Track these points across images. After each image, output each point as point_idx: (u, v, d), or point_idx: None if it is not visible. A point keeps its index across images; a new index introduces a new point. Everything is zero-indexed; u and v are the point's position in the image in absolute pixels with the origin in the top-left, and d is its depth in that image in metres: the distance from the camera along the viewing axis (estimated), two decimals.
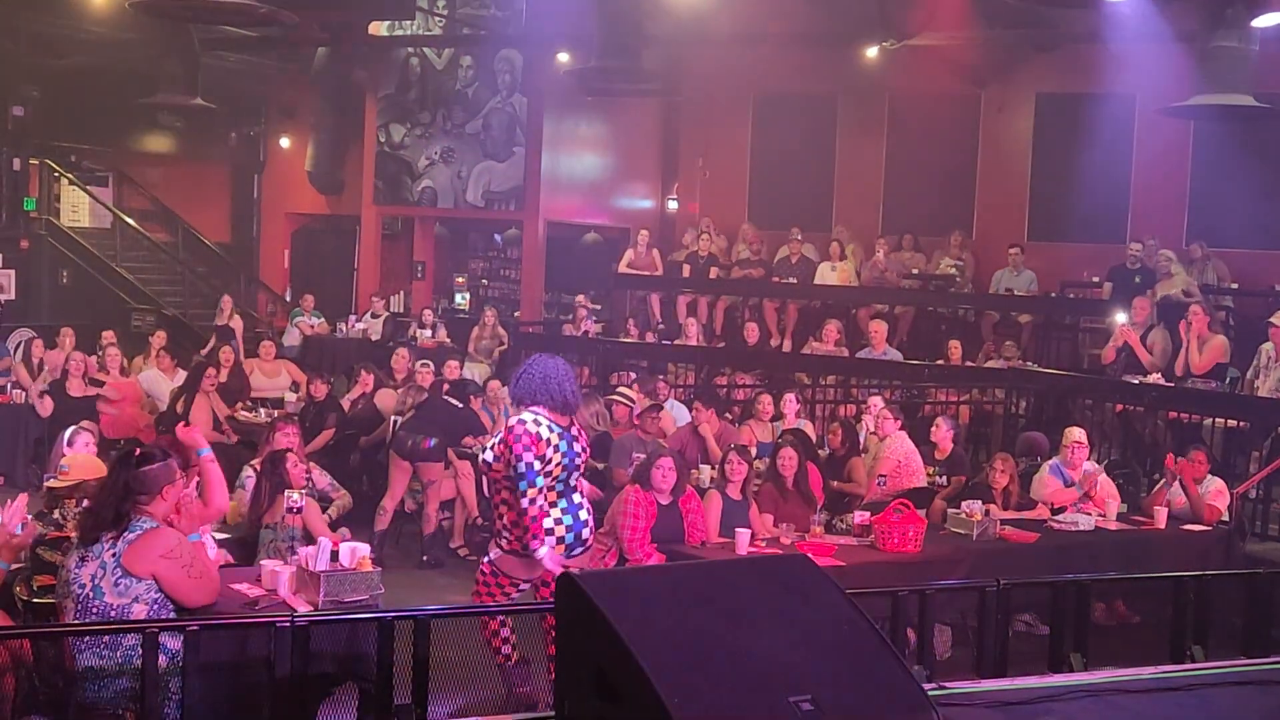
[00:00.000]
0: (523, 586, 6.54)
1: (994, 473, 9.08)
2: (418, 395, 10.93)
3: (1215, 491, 9.05)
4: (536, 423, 6.36)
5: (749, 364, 14.43)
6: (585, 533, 6.58)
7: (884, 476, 9.26)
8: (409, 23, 18.42)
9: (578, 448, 6.55)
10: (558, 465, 6.38)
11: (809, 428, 10.78)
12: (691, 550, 7.77)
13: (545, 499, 6.34)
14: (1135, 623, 8.54)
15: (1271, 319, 10.95)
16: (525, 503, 6.27)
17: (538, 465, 6.28)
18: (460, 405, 10.66)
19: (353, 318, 17.51)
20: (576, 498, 6.57)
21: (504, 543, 6.49)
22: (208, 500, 5.99)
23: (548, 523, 6.35)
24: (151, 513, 5.21)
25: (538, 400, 6.45)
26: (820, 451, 9.94)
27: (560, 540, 6.41)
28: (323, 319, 17.32)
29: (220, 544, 6.87)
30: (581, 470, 6.66)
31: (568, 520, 6.47)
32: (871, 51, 15.99)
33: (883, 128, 17.65)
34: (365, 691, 5.18)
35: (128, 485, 5.19)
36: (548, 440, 6.34)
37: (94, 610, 5.02)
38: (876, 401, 10.60)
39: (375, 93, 19.13)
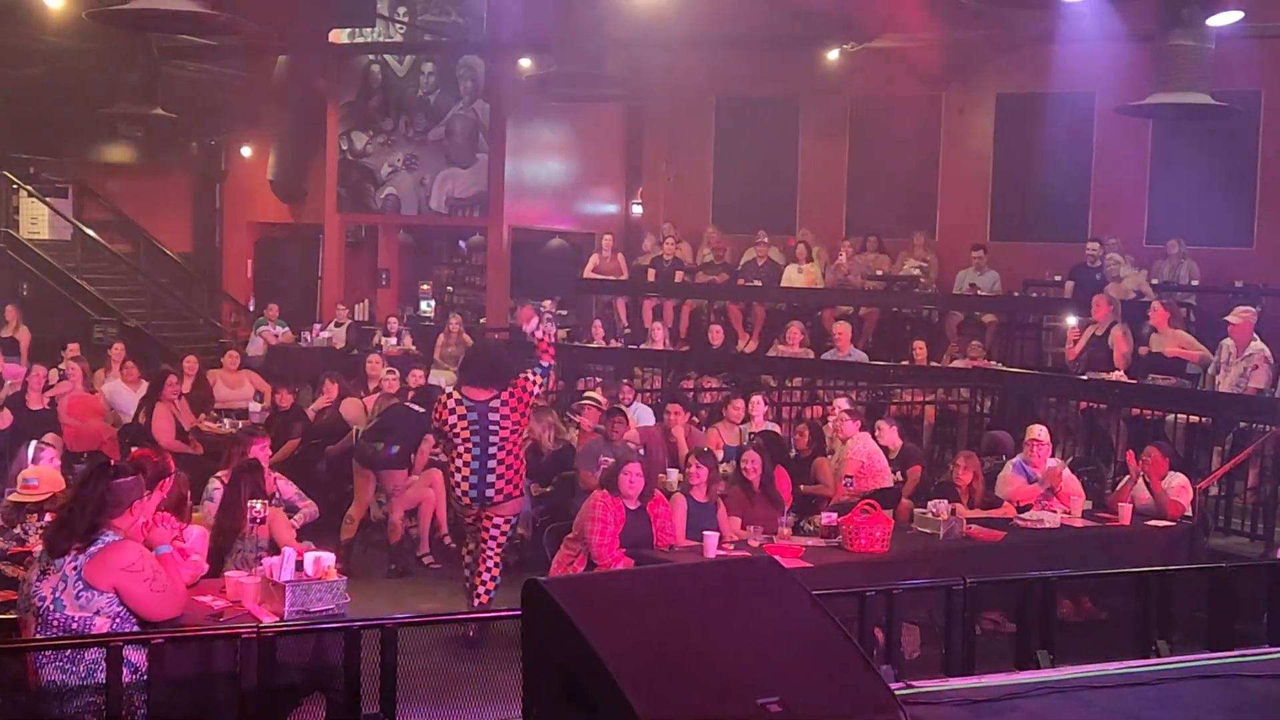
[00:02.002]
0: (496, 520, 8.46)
1: (958, 470, 9.12)
2: (385, 403, 10.90)
3: (1178, 487, 9.11)
4: (450, 397, 8.51)
5: (715, 367, 14.45)
6: (489, 491, 8.33)
7: (850, 478, 9.29)
8: (370, 30, 18.35)
9: (494, 416, 8.31)
10: (464, 430, 8.32)
11: (777, 430, 10.80)
12: (660, 554, 7.78)
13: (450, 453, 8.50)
14: (1101, 619, 8.58)
15: (1230, 316, 11.03)
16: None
17: (434, 426, 8.77)
18: (422, 410, 10.62)
19: (317, 326, 17.43)
20: (492, 461, 8.30)
21: None
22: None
23: (456, 477, 8.40)
24: (119, 527, 5.18)
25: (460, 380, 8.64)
26: (788, 453, 9.96)
27: (464, 494, 8.38)
28: (287, 328, 17.23)
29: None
30: (505, 434, 8.34)
31: (473, 478, 8.33)
32: (833, 54, 16.05)
33: (845, 130, 17.73)
34: (333, 702, 5.16)
35: (103, 498, 5.17)
36: (450, 409, 8.38)
37: (55, 623, 4.98)
38: (841, 403, 10.63)
39: (336, 100, 19.05)
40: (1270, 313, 13.05)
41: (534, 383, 8.60)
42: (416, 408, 10.64)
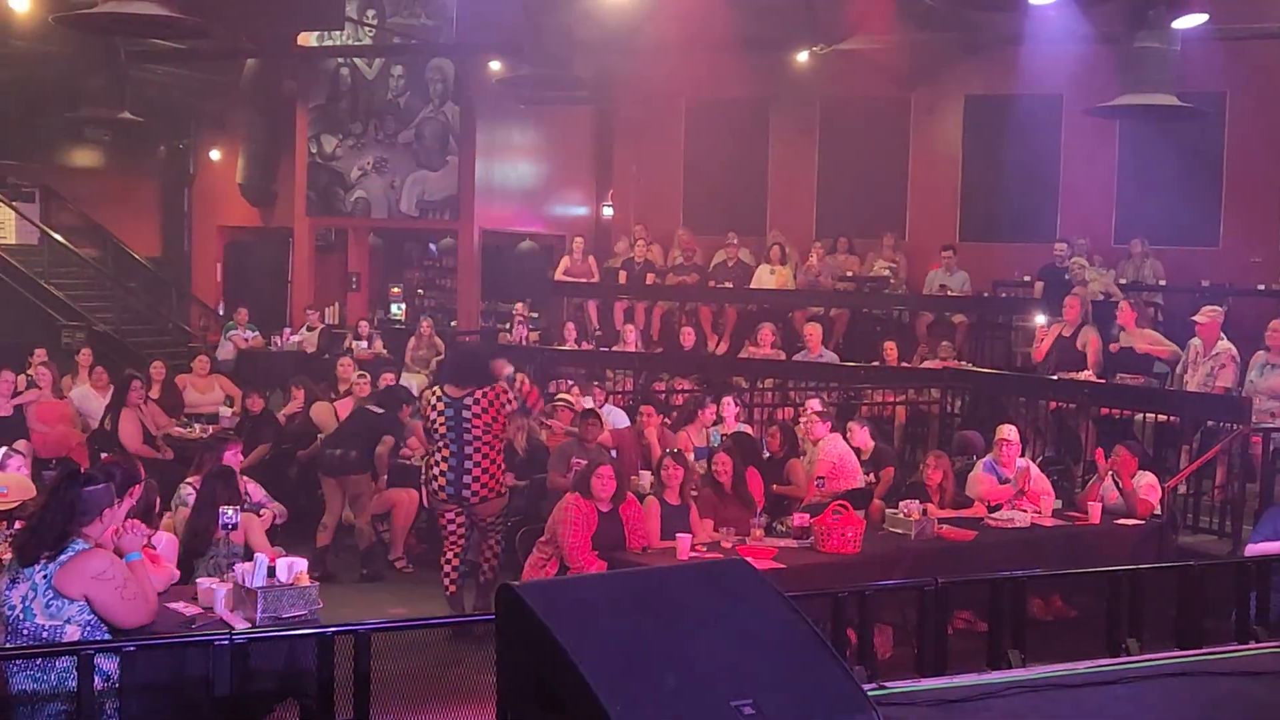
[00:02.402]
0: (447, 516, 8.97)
1: (929, 470, 9.17)
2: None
3: (1147, 486, 9.17)
4: (432, 393, 8.97)
5: (687, 369, 14.46)
6: (466, 491, 8.69)
7: (822, 478, 9.31)
8: (339, 33, 18.29)
9: (468, 415, 8.64)
10: (441, 426, 8.73)
11: (749, 431, 10.82)
12: (633, 556, 7.78)
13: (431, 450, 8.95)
14: (1072, 617, 8.65)
15: (1197, 316, 11.11)
16: None
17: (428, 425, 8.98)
18: (381, 411, 10.61)
19: (287, 330, 17.36)
20: (468, 462, 8.63)
21: None
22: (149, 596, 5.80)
23: (434, 471, 8.79)
24: (88, 534, 5.16)
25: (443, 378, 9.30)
26: (761, 454, 9.98)
27: (441, 489, 8.75)
28: (257, 332, 17.16)
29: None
30: (478, 434, 8.67)
31: (450, 474, 8.69)
32: (802, 56, 16.08)
33: (814, 132, 17.77)
34: (306, 708, 5.15)
35: (73, 506, 5.14)
36: (432, 406, 8.82)
37: (24, 632, 4.95)
38: (813, 404, 10.66)
39: (306, 104, 18.99)
40: (1236, 312, 13.15)
41: (510, 398, 8.87)
42: (375, 409, 10.64)
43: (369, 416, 10.60)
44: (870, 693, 3.56)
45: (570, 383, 13.26)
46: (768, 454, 9.97)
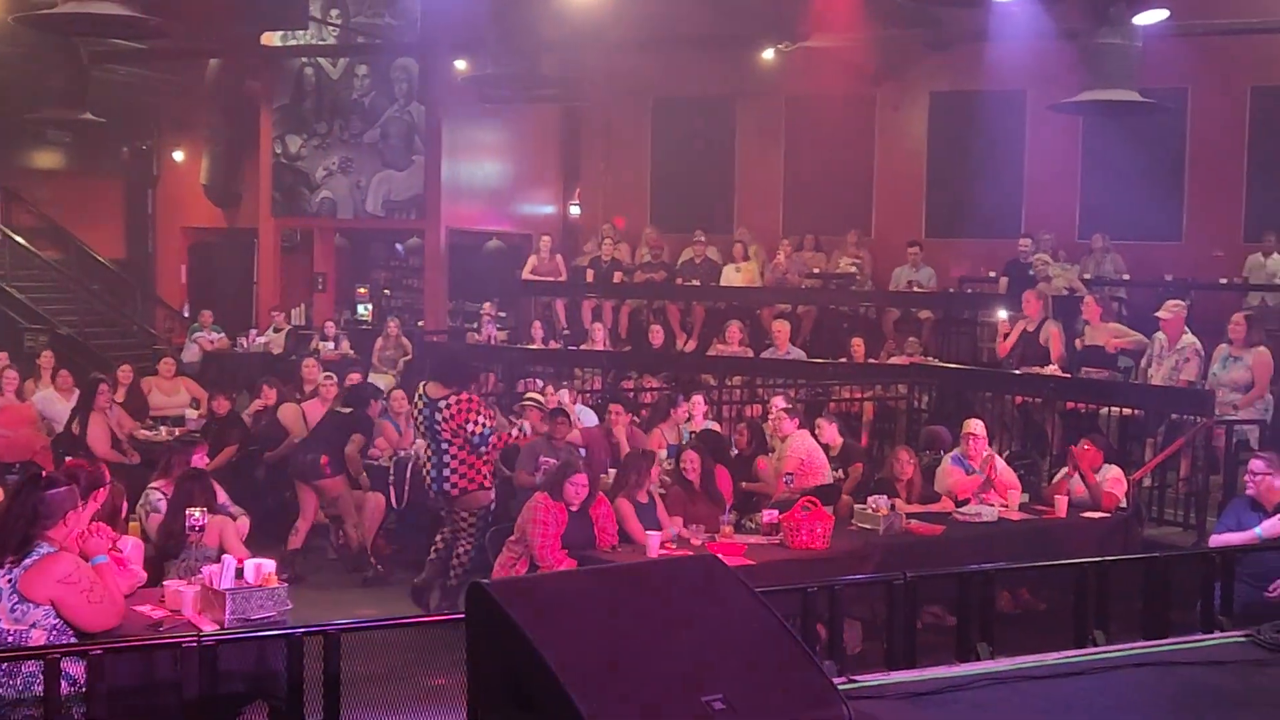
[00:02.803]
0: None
1: (898, 464, 9.20)
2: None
3: (1113, 479, 9.24)
4: (417, 393, 9.25)
5: (655, 367, 14.47)
6: (445, 485, 9.01)
7: (790, 475, 9.34)
8: (302, 33, 18.21)
9: (438, 417, 8.94)
10: (420, 423, 9.18)
11: (718, 429, 10.84)
12: (602, 555, 7.79)
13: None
14: (1039, 610, 8.70)
15: (1160, 311, 11.19)
16: None
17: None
18: (349, 411, 10.57)
19: (253, 332, 17.28)
20: (446, 457, 8.98)
21: None
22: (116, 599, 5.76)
23: (425, 469, 9.27)
24: (53, 538, 5.13)
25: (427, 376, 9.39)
26: (729, 451, 10.00)
27: (429, 485, 9.18)
28: (222, 334, 17.07)
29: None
30: (447, 436, 8.94)
31: (434, 471, 9.11)
32: (767, 54, 16.12)
33: (781, 129, 17.82)
34: (275, 710, 5.12)
35: (35, 509, 5.11)
36: (415, 405, 9.27)
37: None
38: (779, 401, 10.68)
39: (270, 104, 18.90)
40: (1199, 306, 13.26)
41: (476, 419, 9.00)
42: (343, 409, 10.60)
43: (337, 417, 10.57)
44: (840, 686, 3.57)
45: (540, 382, 13.25)
46: (736, 451, 9.99)
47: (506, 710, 3.38)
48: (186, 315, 19.62)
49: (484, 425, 9.01)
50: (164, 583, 6.47)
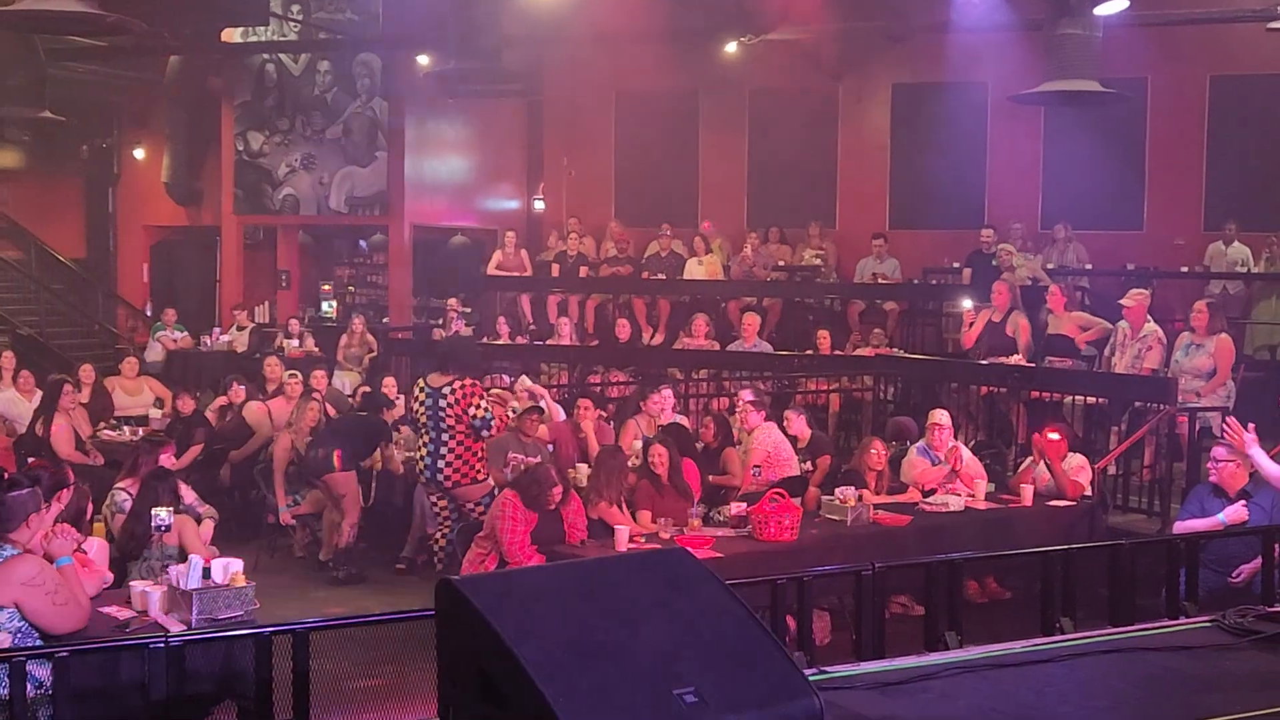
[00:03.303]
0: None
1: (871, 455, 9.22)
2: (303, 404, 10.74)
3: (1077, 467, 9.30)
4: (417, 384, 9.48)
5: (622, 361, 14.47)
6: (439, 476, 9.19)
7: (758, 467, 9.36)
8: (263, 28, 18.10)
9: (443, 404, 9.11)
10: (423, 415, 9.27)
11: (685, 422, 10.85)
12: (571, 550, 7.78)
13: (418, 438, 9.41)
14: (1006, 598, 8.76)
15: (1123, 300, 11.27)
16: None
17: (408, 415, 9.74)
18: (365, 414, 10.60)
19: (217, 330, 17.17)
20: (444, 449, 9.12)
21: None
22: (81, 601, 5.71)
23: (418, 455, 9.39)
24: (16, 540, 5.09)
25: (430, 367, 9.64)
26: (695, 445, 10.00)
27: (421, 472, 9.33)
28: (185, 333, 16.96)
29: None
30: (451, 423, 9.12)
31: (428, 459, 9.25)
32: (730, 47, 16.12)
33: (744, 122, 17.83)
34: (244, 710, 5.10)
35: None
36: (415, 396, 9.39)
37: None
38: (745, 394, 10.70)
39: (231, 100, 18.79)
40: (1161, 294, 13.36)
41: (479, 403, 9.15)
42: (361, 412, 10.61)
43: (357, 419, 10.54)
44: (810, 677, 3.59)
45: (508, 378, 13.21)
46: (703, 444, 10.00)
47: (477, 706, 3.38)
48: (149, 314, 19.48)
49: (486, 410, 9.20)
50: (130, 583, 6.43)
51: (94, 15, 10.71)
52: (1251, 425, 7.23)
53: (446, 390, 9.19)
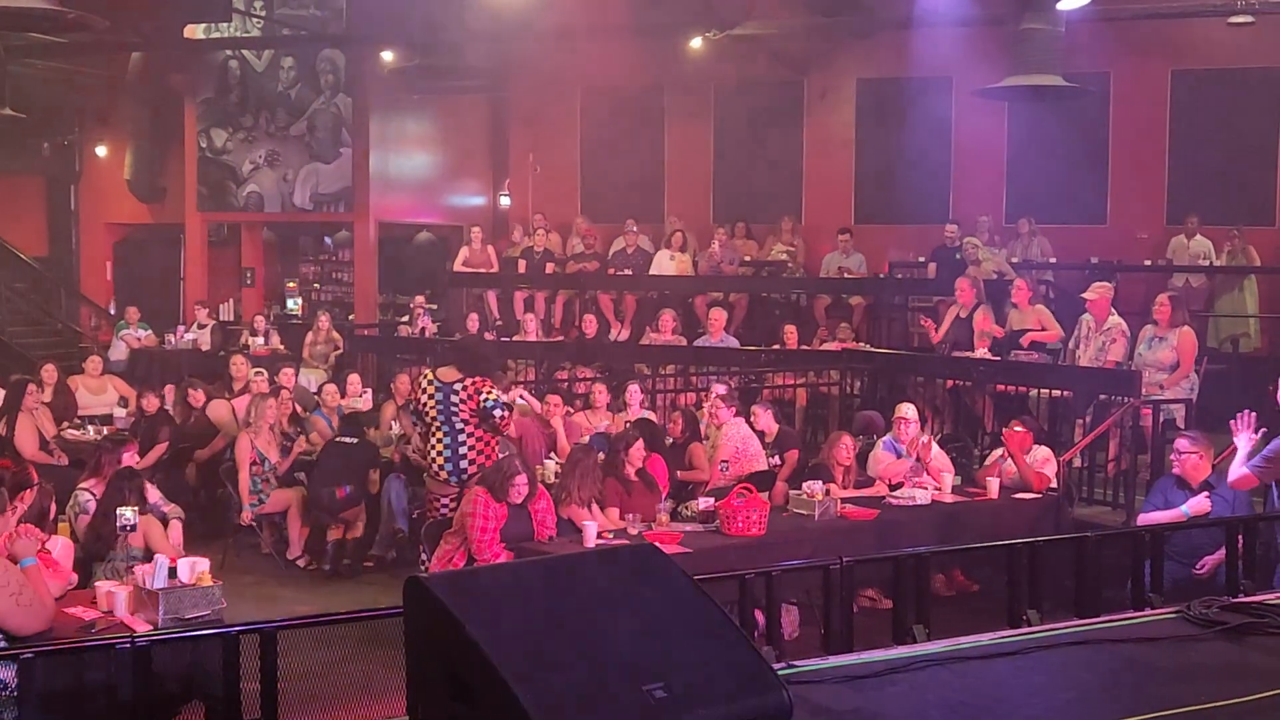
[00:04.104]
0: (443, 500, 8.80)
1: (840, 450, 9.24)
2: (260, 402, 10.68)
3: (1043, 460, 9.35)
4: (424, 377, 9.07)
5: (589, 357, 14.46)
6: (463, 464, 8.69)
7: (726, 462, 9.37)
8: (226, 25, 17.99)
9: (455, 400, 8.71)
10: (432, 409, 8.78)
11: (652, 417, 10.86)
12: (540, 546, 7.77)
13: (425, 433, 8.97)
14: (974, 591, 8.80)
15: (1086, 293, 11.34)
16: None
17: (413, 407, 9.12)
18: (355, 441, 10.50)
19: (181, 328, 17.07)
20: (463, 446, 8.70)
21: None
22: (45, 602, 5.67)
23: (431, 454, 8.82)
24: None
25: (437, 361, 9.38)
26: (664, 440, 10.00)
27: (440, 469, 8.75)
28: (149, 331, 16.85)
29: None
30: (465, 417, 8.71)
31: (446, 453, 8.73)
32: (695, 42, 16.12)
33: (710, 117, 17.85)
34: (212, 710, 5.07)
35: None
36: (421, 388, 8.91)
37: None
38: (718, 388, 10.71)
39: (194, 97, 18.68)
40: (1125, 288, 13.45)
41: (487, 390, 8.84)
42: (348, 439, 10.48)
43: (346, 448, 10.44)
44: (779, 672, 3.60)
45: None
46: (671, 439, 10.01)
47: (446, 703, 3.37)
48: (112, 313, 19.35)
49: (496, 394, 8.90)
50: (95, 584, 6.39)
51: (55, 12, 10.62)
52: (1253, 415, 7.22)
53: (458, 386, 8.83)
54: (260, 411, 10.51)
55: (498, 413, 8.80)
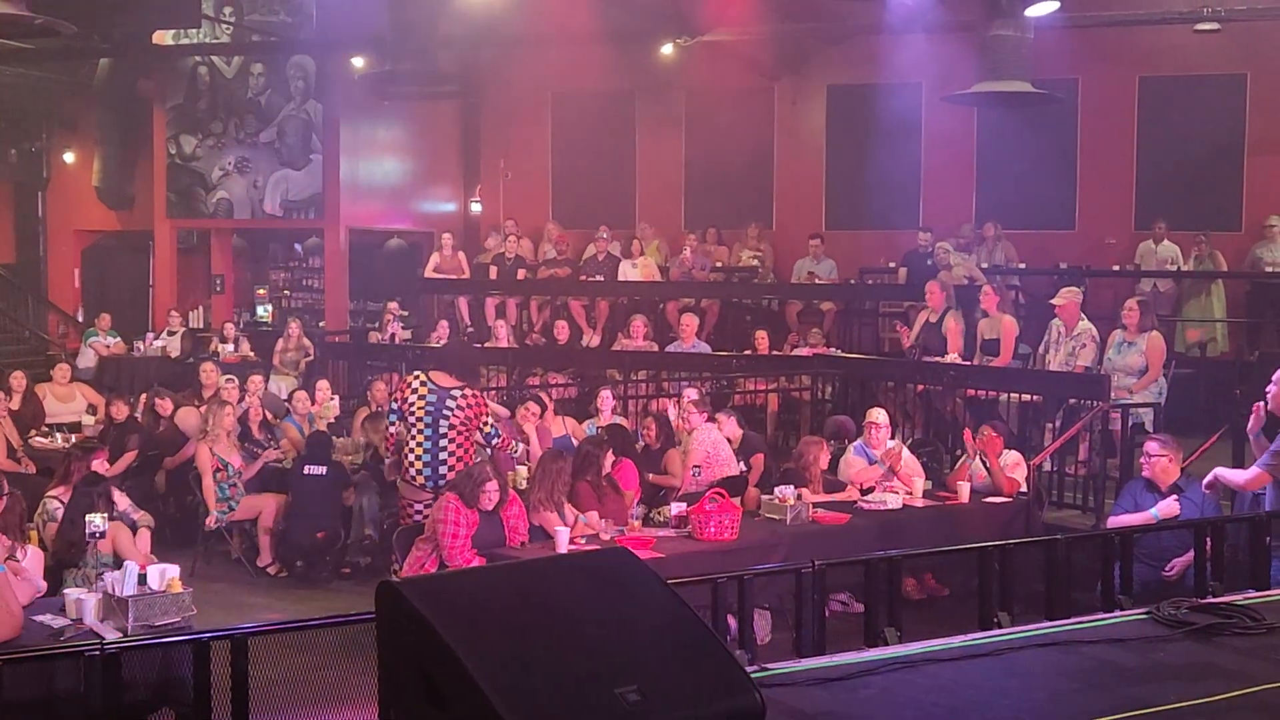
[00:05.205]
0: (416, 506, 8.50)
1: (811, 455, 9.25)
2: (218, 409, 10.61)
3: (1013, 464, 9.40)
4: (415, 378, 8.68)
5: (560, 363, 14.45)
6: (441, 469, 8.40)
7: (698, 467, 9.37)
8: (195, 31, 17.90)
9: (450, 405, 8.44)
10: (420, 410, 8.48)
11: (624, 423, 10.86)
12: (512, 553, 7.76)
13: (402, 434, 8.62)
14: (945, 594, 8.83)
15: (1055, 299, 11.40)
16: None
17: (395, 406, 8.74)
18: (325, 471, 10.38)
19: (150, 335, 16.97)
20: (444, 452, 8.42)
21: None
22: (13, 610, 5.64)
23: (409, 458, 8.50)
24: None
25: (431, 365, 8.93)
26: (635, 446, 10.01)
27: (418, 473, 8.46)
28: (118, 338, 16.76)
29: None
30: (455, 423, 8.45)
31: (426, 457, 8.44)
32: (666, 48, 16.15)
33: (681, 123, 17.89)
34: (183, 717, 5.04)
35: None
36: (412, 388, 8.57)
37: None
38: (690, 394, 10.72)
39: (163, 103, 18.58)
40: (1093, 293, 13.53)
41: (487, 418, 8.68)
42: (317, 469, 10.35)
43: (317, 482, 10.33)
44: (753, 675, 3.60)
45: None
46: (643, 445, 10.01)
47: (419, 708, 3.36)
48: (81, 320, 19.23)
49: (492, 425, 8.73)
50: (64, 591, 6.35)
51: (22, 17, 10.54)
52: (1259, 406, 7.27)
53: (457, 394, 8.56)
54: (218, 419, 10.45)
55: (495, 441, 8.71)
